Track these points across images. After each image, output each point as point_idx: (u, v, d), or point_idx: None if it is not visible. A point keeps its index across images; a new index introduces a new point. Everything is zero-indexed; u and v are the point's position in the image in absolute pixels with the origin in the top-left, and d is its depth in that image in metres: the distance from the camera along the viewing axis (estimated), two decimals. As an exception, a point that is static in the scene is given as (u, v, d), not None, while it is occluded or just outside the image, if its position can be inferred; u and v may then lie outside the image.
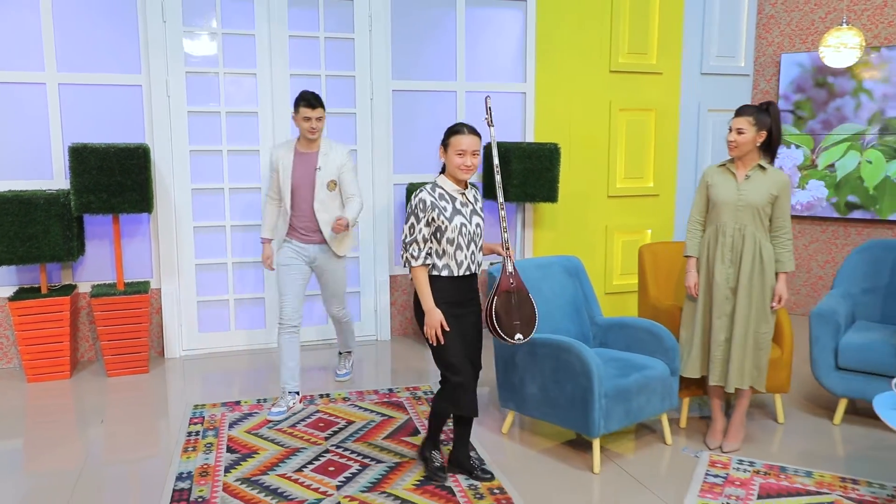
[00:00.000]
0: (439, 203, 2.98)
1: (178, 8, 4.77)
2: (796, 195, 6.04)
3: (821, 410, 4.03)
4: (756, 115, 3.31)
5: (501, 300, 3.04)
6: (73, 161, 4.30)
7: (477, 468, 3.22)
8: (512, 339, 3.04)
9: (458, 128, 3.01)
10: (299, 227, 3.95)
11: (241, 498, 3.02)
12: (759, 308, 3.38)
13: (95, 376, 4.63)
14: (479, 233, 3.07)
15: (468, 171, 2.98)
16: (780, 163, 6.09)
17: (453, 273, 2.99)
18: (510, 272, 3.07)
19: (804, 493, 3.07)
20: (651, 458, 3.45)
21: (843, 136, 5.75)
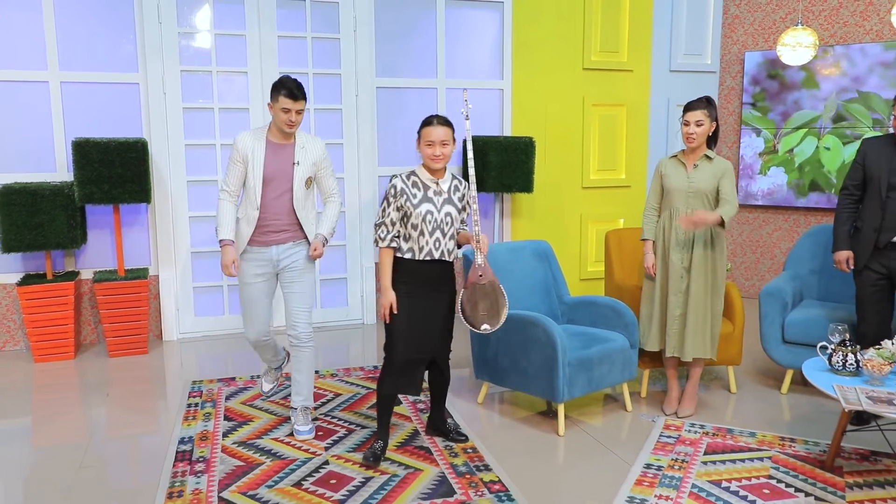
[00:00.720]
0: (410, 190, 3.14)
1: (173, 9, 5.05)
2: (758, 182, 6.40)
3: (770, 381, 4.39)
4: (707, 107, 3.64)
5: (469, 291, 3.17)
6: (76, 154, 4.58)
7: (452, 430, 3.51)
8: (478, 328, 3.17)
9: (429, 119, 3.16)
10: (264, 226, 3.42)
11: (239, 457, 3.34)
12: (712, 285, 3.72)
13: (98, 357, 4.93)
14: (449, 222, 3.18)
15: (438, 160, 3.12)
16: (742, 150, 6.46)
17: (415, 256, 3.15)
18: (479, 264, 3.16)
19: (746, 450, 3.42)
20: (612, 424, 3.79)
21: (801, 123, 6.10)
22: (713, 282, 3.72)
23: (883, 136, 3.72)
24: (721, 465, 3.26)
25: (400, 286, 3.17)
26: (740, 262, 6.66)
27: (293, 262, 3.50)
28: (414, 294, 3.17)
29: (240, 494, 3.00)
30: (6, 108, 4.85)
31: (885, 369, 2.87)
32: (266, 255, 3.46)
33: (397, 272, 3.17)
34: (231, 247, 3.46)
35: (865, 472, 3.17)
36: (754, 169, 6.40)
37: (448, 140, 3.13)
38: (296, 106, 3.34)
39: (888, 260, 3.60)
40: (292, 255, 3.49)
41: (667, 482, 3.10)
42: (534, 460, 3.36)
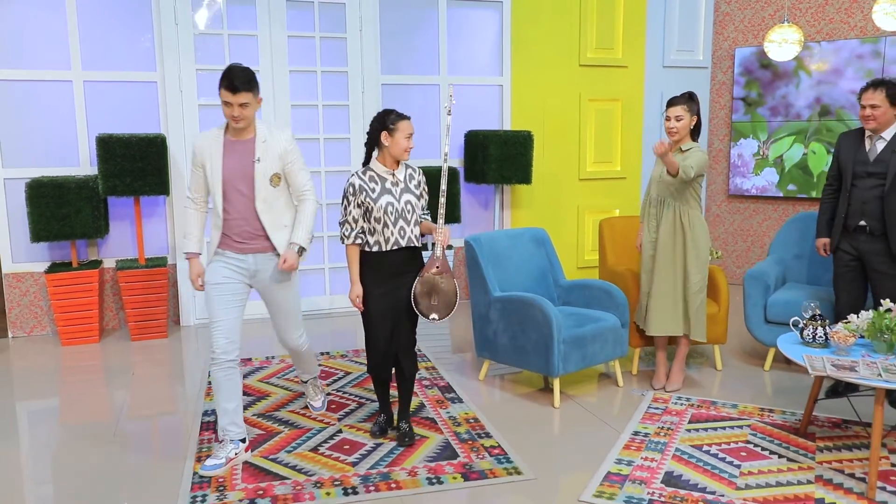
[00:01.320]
0: (368, 185, 3.22)
1: (188, 11, 5.33)
2: (751, 180, 6.66)
3: (754, 359, 4.66)
4: (688, 102, 3.90)
5: (423, 281, 3.26)
6: (100, 149, 4.86)
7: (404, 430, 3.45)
8: (428, 317, 3.27)
9: (403, 115, 3.24)
10: (233, 234, 3.16)
11: (259, 427, 3.62)
12: (683, 264, 3.93)
13: (120, 340, 5.22)
14: (411, 209, 3.26)
15: (406, 154, 3.25)
16: (736, 151, 6.72)
17: (382, 248, 3.23)
18: (437, 256, 3.26)
19: (727, 419, 3.69)
20: (604, 398, 4.07)
21: (789, 132, 6.37)
22: (684, 261, 3.94)
23: (854, 130, 3.98)
24: (703, 432, 3.54)
25: (369, 278, 3.27)
26: (732, 250, 6.92)
27: (267, 275, 3.24)
28: (383, 284, 3.26)
29: (262, 458, 3.29)
30: (33, 107, 5.12)
31: (851, 340, 3.14)
32: (242, 264, 3.20)
33: (366, 265, 3.27)
34: (197, 259, 3.27)
35: (836, 438, 3.45)
36: (749, 167, 6.66)
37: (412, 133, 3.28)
38: (237, 99, 3.00)
39: (857, 242, 3.86)
40: (266, 267, 3.23)
41: (652, 446, 3.38)
42: (531, 429, 3.64)
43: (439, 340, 5.18)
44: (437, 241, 3.26)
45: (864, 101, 3.79)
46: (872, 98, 3.75)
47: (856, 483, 3.00)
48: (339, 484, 3.05)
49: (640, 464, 3.20)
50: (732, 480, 3.04)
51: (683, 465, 3.19)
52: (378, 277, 3.27)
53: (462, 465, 3.22)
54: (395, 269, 3.28)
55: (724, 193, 6.94)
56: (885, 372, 2.91)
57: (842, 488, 2.96)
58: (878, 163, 3.80)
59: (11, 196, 5.14)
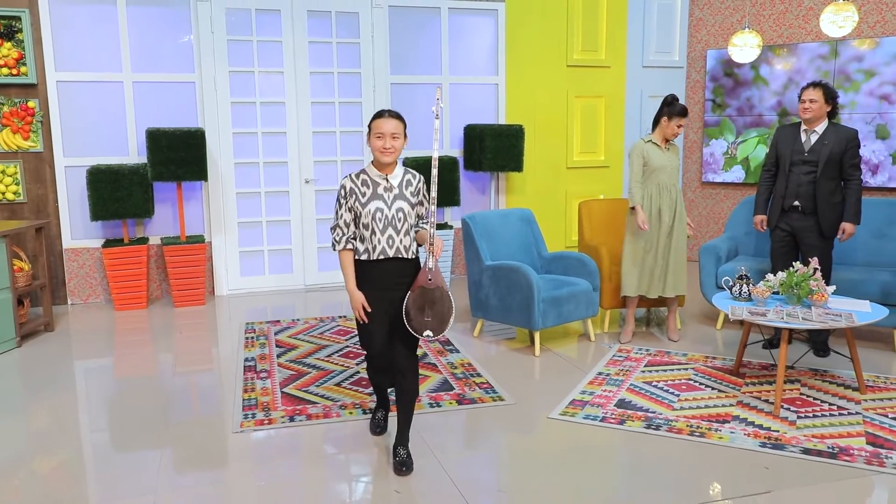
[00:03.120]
0: (360, 189, 3.04)
1: (223, 21, 6.11)
2: (721, 175, 7.41)
3: (707, 320, 5.46)
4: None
5: (415, 295, 3.00)
6: (149, 141, 5.66)
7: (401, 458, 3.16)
8: (421, 334, 3.01)
9: (379, 112, 3.04)
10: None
11: (291, 369, 4.43)
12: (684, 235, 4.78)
13: (165, 307, 6.03)
14: (402, 217, 3.05)
15: (387, 153, 2.99)
16: (709, 151, 7.47)
17: (370, 257, 3.04)
18: (429, 268, 3.01)
19: (676, 364, 4.48)
20: (578, 350, 4.86)
21: (754, 135, 7.12)
22: (682, 234, 4.80)
23: (791, 125, 4.74)
24: (655, 373, 4.33)
25: (362, 288, 3.08)
26: (705, 231, 7.69)
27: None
28: (375, 296, 3.07)
29: (296, 390, 4.10)
30: (90, 104, 5.92)
31: (767, 294, 3.92)
32: None
33: (358, 273, 3.09)
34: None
35: (761, 377, 4.23)
36: (719, 164, 7.42)
37: (399, 133, 3.01)
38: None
39: (791, 220, 4.63)
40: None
41: (611, 382, 4.17)
42: (514, 371, 4.43)
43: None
44: (431, 252, 3.00)
45: (804, 96, 4.54)
46: (812, 94, 4.50)
47: (767, 405, 3.79)
48: (359, 406, 3.85)
49: (599, 394, 4.00)
50: (671, 404, 3.84)
51: (634, 395, 3.98)
52: (368, 288, 3.07)
53: (457, 395, 4.02)
54: (384, 280, 3.06)
55: (697, 181, 7.70)
56: (788, 316, 3.70)
57: (755, 409, 3.75)
58: (812, 153, 4.56)
59: (71, 182, 5.94)
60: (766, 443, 3.36)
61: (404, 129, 3.06)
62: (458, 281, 6.87)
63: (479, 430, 3.64)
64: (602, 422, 3.63)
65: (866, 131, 6.50)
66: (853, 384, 4.05)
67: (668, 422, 3.62)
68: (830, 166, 4.47)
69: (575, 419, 3.67)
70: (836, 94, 4.53)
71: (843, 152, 4.45)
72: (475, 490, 3.01)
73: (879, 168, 6.50)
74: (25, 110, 5.77)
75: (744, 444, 3.35)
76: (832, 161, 4.46)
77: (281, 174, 6.46)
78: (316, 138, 6.49)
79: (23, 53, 5.70)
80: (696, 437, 3.44)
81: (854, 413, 3.68)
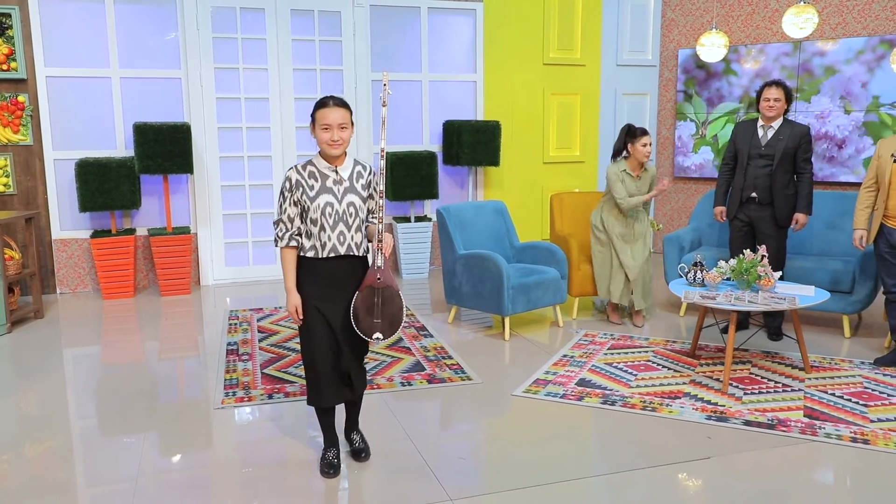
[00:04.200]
0: (307, 182, 2.85)
1: (208, 18, 6.30)
2: (690, 158, 7.67)
3: (671, 307, 5.71)
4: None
5: (364, 295, 2.86)
6: (136, 135, 5.85)
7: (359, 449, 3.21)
8: (370, 337, 2.87)
9: (323, 100, 2.83)
10: None
11: (272, 353, 4.65)
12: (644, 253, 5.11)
13: (151, 296, 6.24)
14: (353, 212, 2.87)
15: (335, 146, 2.81)
16: (677, 133, 7.73)
17: (318, 254, 2.86)
18: (378, 267, 2.87)
19: (637, 347, 4.73)
20: (546, 335, 5.10)
21: (722, 113, 7.39)
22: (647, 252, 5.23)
23: (748, 121, 4.99)
24: (616, 355, 4.57)
25: (307, 288, 2.89)
26: (677, 223, 7.95)
27: None
28: (323, 296, 2.89)
29: (276, 371, 4.32)
30: (79, 99, 6.11)
31: (718, 280, 4.17)
32: None
33: (303, 272, 2.90)
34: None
35: (715, 358, 4.48)
36: (688, 147, 7.68)
37: (346, 123, 2.83)
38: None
39: (749, 211, 4.88)
40: None
41: (574, 363, 4.42)
42: (483, 354, 4.67)
43: (419, 292, 6.21)
44: (379, 250, 2.86)
45: (768, 94, 4.78)
46: (776, 93, 4.76)
47: (717, 384, 4.04)
48: (335, 385, 4.08)
49: (562, 374, 4.24)
50: (628, 383, 4.08)
51: (594, 375, 4.22)
52: (314, 288, 2.89)
53: (427, 375, 4.25)
54: (333, 279, 2.89)
55: (670, 176, 7.96)
56: (736, 300, 3.95)
57: (706, 387, 4.00)
58: (768, 147, 4.81)
59: (60, 174, 6.13)
60: (712, 416, 3.61)
61: (351, 117, 2.86)
62: (436, 273, 7.10)
63: (446, 405, 3.87)
64: (562, 398, 3.87)
65: (833, 108, 6.78)
66: (800, 364, 4.31)
67: (623, 398, 3.86)
68: (785, 160, 4.72)
69: (537, 396, 3.91)
70: (792, 95, 4.81)
71: (797, 147, 4.71)
72: (438, 457, 3.24)
73: (846, 142, 6.74)
74: (15, 105, 5.95)
75: (691, 418, 3.60)
76: (787, 155, 4.72)
77: (265, 168, 6.67)
78: (299, 133, 6.70)
79: (13, 49, 5.88)
80: (647, 411, 3.69)
81: (797, 390, 3.94)
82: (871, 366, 4.32)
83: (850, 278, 4.85)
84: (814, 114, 6.85)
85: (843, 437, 3.37)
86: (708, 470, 3.11)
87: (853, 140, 6.71)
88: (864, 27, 6.64)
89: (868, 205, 4.40)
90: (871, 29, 6.61)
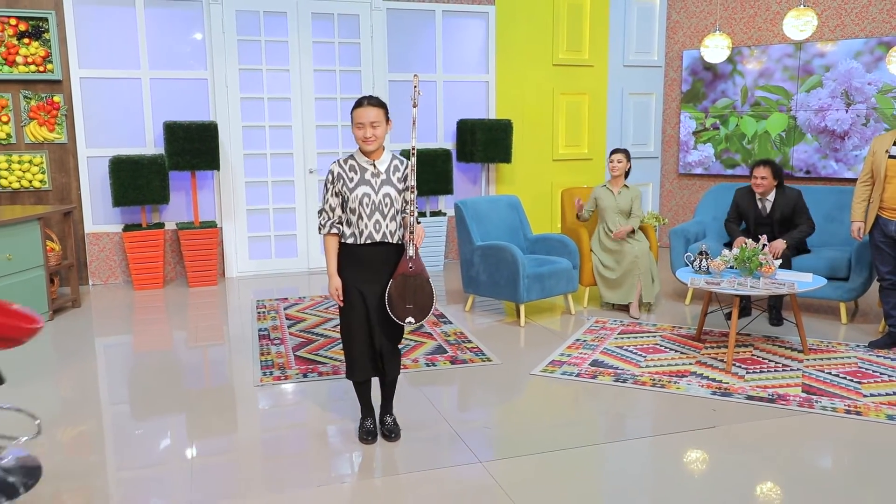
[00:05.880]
0: (347, 174, 3.13)
1: (233, 22, 6.60)
2: (692, 154, 7.95)
3: (677, 296, 5.99)
4: (626, 153, 5.47)
5: (397, 283, 3.10)
6: (166, 133, 6.14)
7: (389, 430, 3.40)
8: (402, 321, 3.12)
9: (359, 101, 3.09)
10: None
11: (301, 337, 4.94)
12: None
13: (180, 287, 6.53)
14: (389, 203, 3.12)
15: (369, 142, 3.06)
16: (682, 130, 8.01)
17: (356, 241, 3.12)
18: (410, 256, 3.11)
19: (646, 332, 5.01)
20: (559, 322, 5.39)
21: (723, 105, 7.66)
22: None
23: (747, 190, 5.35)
24: (626, 339, 4.86)
25: (347, 271, 3.17)
26: (681, 218, 8.23)
27: None
28: (361, 279, 3.16)
29: (308, 353, 4.61)
30: (111, 99, 6.40)
31: (722, 267, 4.45)
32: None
33: (343, 257, 3.18)
34: None
35: (719, 342, 4.77)
36: (689, 145, 7.96)
37: (379, 121, 3.08)
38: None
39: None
40: None
41: (587, 347, 4.70)
42: (501, 339, 4.96)
43: (435, 284, 6.49)
44: (410, 241, 3.12)
45: (756, 173, 5.20)
46: (763, 172, 5.19)
47: (721, 364, 4.33)
48: (364, 366, 4.36)
49: (576, 356, 4.52)
50: (638, 363, 4.37)
51: (606, 356, 4.51)
52: (354, 272, 3.17)
53: (450, 357, 4.54)
54: (370, 264, 3.15)
55: (675, 173, 8.24)
56: (738, 286, 4.24)
57: (711, 367, 4.29)
58: (768, 217, 5.27)
59: (93, 171, 6.42)
60: (717, 392, 3.90)
61: (385, 115, 3.11)
62: (450, 265, 7.38)
63: (469, 383, 4.16)
64: (577, 377, 4.16)
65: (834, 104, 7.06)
66: (799, 347, 4.59)
67: (634, 376, 4.15)
68: (785, 225, 5.24)
69: (554, 375, 4.20)
70: (782, 170, 5.28)
71: (793, 213, 5.21)
72: (465, 428, 3.53)
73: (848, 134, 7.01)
74: (51, 104, 6.24)
75: (697, 393, 3.89)
76: (785, 221, 5.24)
77: (286, 165, 6.96)
78: (319, 131, 6.99)
79: (49, 52, 6.17)
80: (657, 388, 3.97)
81: (796, 369, 4.23)
82: (865, 348, 4.60)
83: (846, 266, 5.13)
84: (813, 109, 7.13)
85: (838, 409, 3.66)
86: (714, 438, 3.39)
87: (857, 130, 6.97)
88: (862, 29, 6.92)
89: (864, 198, 4.68)
90: (868, 31, 6.89)
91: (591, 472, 3.17)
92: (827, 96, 7.06)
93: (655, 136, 8.23)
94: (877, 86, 6.81)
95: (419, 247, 3.14)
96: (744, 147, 7.64)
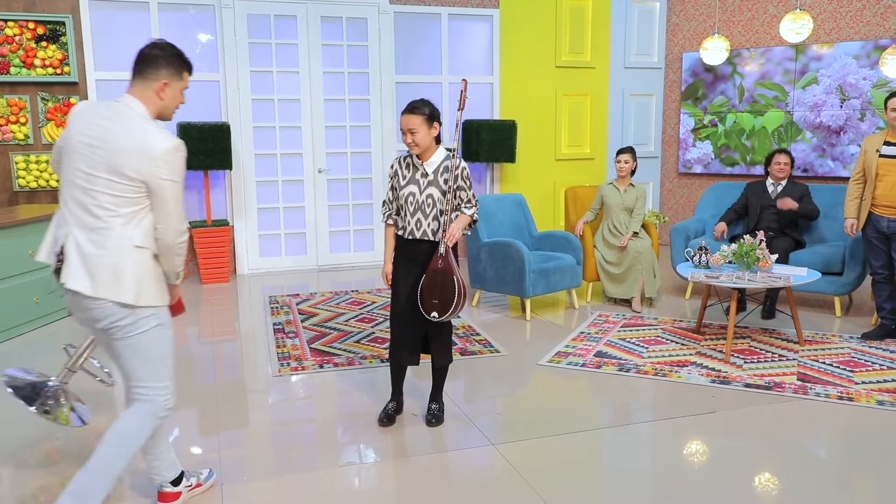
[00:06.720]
0: (402, 171, 3.35)
1: (244, 25, 6.77)
2: (691, 151, 8.14)
3: (677, 291, 6.18)
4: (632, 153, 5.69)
5: (429, 278, 3.26)
6: (180, 133, 6.32)
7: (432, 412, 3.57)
8: (428, 315, 3.27)
9: (404, 109, 3.27)
10: None
11: (315, 331, 5.11)
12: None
13: (193, 284, 6.71)
14: (431, 203, 3.28)
15: (411, 147, 3.25)
16: (682, 129, 8.20)
17: (403, 234, 3.37)
18: (441, 254, 3.26)
19: (648, 325, 5.19)
20: (563, 316, 5.57)
21: (720, 102, 7.85)
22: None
23: (758, 182, 5.67)
24: (629, 332, 5.04)
25: (398, 260, 3.42)
26: (681, 216, 8.41)
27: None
28: (407, 269, 3.38)
29: (322, 346, 4.79)
30: (125, 100, 6.57)
31: (721, 262, 4.64)
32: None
33: (397, 247, 3.44)
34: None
35: (718, 334, 4.95)
36: (688, 142, 8.15)
37: (415, 128, 3.19)
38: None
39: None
40: None
41: (591, 339, 4.88)
42: (508, 332, 5.14)
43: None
44: (441, 239, 3.27)
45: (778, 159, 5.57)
46: (784, 158, 5.56)
47: (720, 354, 4.51)
48: (377, 357, 4.55)
49: (581, 347, 4.71)
50: (640, 354, 4.55)
51: (610, 348, 4.69)
52: (400, 260, 3.41)
53: (460, 348, 4.72)
54: (412, 257, 3.36)
55: (674, 172, 8.42)
56: (736, 279, 4.42)
57: (710, 357, 4.47)
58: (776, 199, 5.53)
59: (109, 170, 6.58)
60: (716, 380, 4.08)
61: (424, 120, 3.20)
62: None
63: (479, 373, 4.34)
64: (582, 367, 4.34)
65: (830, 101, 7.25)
66: (795, 339, 4.78)
67: (636, 366, 4.33)
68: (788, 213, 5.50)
69: (560, 365, 4.38)
70: (794, 158, 5.60)
71: (800, 199, 5.48)
72: (477, 413, 3.71)
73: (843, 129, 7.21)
74: (68, 106, 6.42)
75: (697, 381, 4.07)
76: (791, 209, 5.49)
77: (296, 164, 7.14)
78: (328, 132, 7.17)
79: (66, 55, 6.35)
80: (659, 377, 4.16)
81: (791, 359, 4.41)
82: (858, 340, 4.79)
83: (840, 261, 5.31)
84: (808, 105, 7.32)
85: (831, 395, 3.84)
86: (713, 422, 3.57)
87: (852, 125, 7.16)
88: (857, 31, 7.11)
89: (857, 195, 4.86)
90: (863, 33, 7.08)
91: (597, 453, 3.35)
92: (822, 92, 7.25)
93: (656, 136, 8.42)
94: (871, 80, 7.00)
95: (451, 244, 3.28)
96: (742, 143, 7.82)
